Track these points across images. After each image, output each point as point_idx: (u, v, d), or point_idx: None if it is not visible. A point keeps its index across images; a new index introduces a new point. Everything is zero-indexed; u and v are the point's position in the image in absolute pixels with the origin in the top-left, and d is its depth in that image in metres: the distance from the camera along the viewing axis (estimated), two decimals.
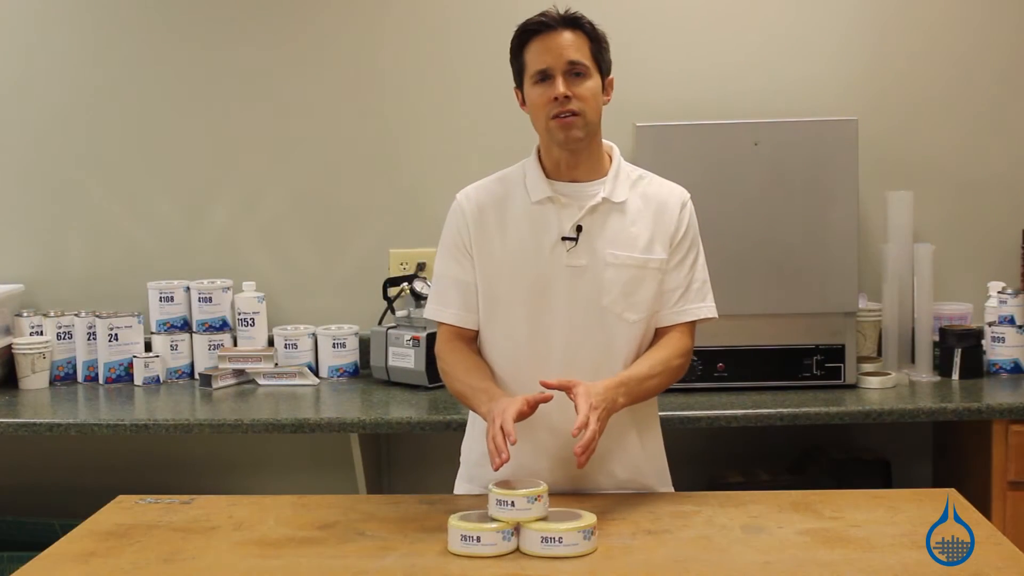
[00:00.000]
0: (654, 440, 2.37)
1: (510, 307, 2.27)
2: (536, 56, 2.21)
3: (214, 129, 3.58)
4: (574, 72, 2.19)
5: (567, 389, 2.10)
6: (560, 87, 2.17)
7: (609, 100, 2.28)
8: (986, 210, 3.45)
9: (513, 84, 2.30)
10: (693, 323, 2.32)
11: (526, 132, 2.34)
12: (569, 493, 2.25)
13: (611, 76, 2.28)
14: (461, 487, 2.41)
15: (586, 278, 2.24)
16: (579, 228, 2.24)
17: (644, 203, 2.28)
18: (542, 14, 2.22)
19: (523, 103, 2.28)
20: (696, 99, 3.41)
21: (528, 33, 2.22)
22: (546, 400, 2.12)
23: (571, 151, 2.24)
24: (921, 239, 3.31)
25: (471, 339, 2.34)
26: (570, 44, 2.19)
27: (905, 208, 3.29)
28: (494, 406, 2.13)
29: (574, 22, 2.21)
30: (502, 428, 2.04)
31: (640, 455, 2.32)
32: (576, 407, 2.06)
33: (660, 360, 2.25)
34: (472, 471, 2.37)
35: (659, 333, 2.31)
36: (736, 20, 3.45)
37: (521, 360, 2.26)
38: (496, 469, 2.02)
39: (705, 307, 2.32)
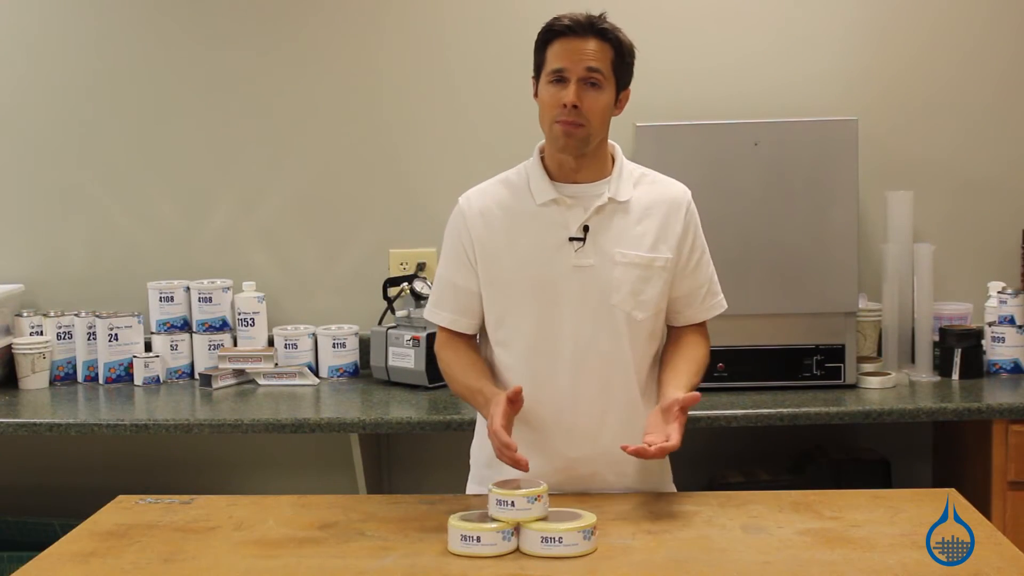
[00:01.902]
0: None
1: (519, 309, 2.27)
2: (556, 56, 2.19)
3: (214, 129, 3.57)
4: (590, 81, 2.18)
5: (684, 405, 2.14)
6: (571, 95, 2.17)
7: (620, 112, 2.28)
8: (986, 210, 3.45)
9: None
10: None
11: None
12: (579, 493, 2.25)
13: (628, 89, 2.28)
14: (472, 490, 2.41)
15: (594, 278, 2.24)
16: (586, 228, 2.25)
17: (648, 202, 2.29)
18: (571, 17, 2.20)
19: (536, 94, 2.28)
20: (696, 99, 3.41)
21: (554, 32, 2.21)
22: (516, 393, 2.13)
23: (571, 156, 2.24)
24: (921, 239, 3.31)
25: (468, 339, 2.36)
26: (592, 52, 2.18)
27: (905, 208, 3.28)
28: (488, 412, 2.17)
29: (601, 31, 2.20)
30: (505, 444, 2.07)
31: None
32: (670, 428, 2.12)
33: (702, 362, 2.33)
34: (483, 472, 2.36)
35: (681, 331, 2.36)
36: (736, 20, 3.45)
37: (531, 361, 2.27)
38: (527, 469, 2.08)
39: (722, 299, 2.40)
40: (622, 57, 2.23)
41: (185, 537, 2.11)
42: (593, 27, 2.20)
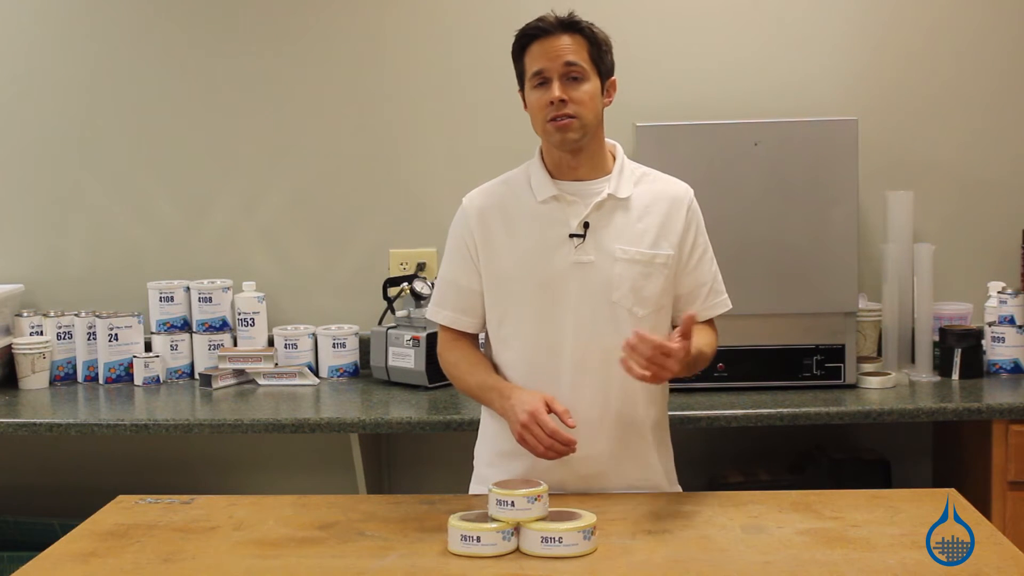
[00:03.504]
0: (664, 439, 2.39)
1: (520, 306, 2.28)
2: (534, 60, 2.23)
3: (214, 129, 3.57)
4: (571, 76, 2.20)
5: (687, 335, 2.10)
6: (555, 91, 2.19)
7: (610, 102, 2.30)
8: (986, 210, 3.45)
9: (515, 86, 2.32)
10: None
11: (527, 132, 2.34)
12: (580, 493, 2.26)
13: (613, 77, 2.29)
14: (476, 490, 2.41)
15: (595, 274, 2.25)
16: (586, 225, 2.25)
17: (649, 200, 2.30)
18: (540, 19, 2.23)
19: (526, 105, 2.29)
20: (696, 99, 3.41)
21: (527, 37, 2.24)
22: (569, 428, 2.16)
23: (570, 152, 2.25)
24: (921, 239, 3.30)
25: (471, 338, 2.37)
26: (567, 47, 2.21)
27: (905, 208, 3.28)
28: (516, 404, 2.17)
29: (572, 26, 2.22)
30: (554, 435, 2.11)
31: (653, 455, 2.34)
32: (678, 343, 2.07)
33: (708, 343, 2.32)
34: (485, 472, 2.37)
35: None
36: (736, 20, 3.45)
37: (532, 358, 2.28)
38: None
39: (726, 298, 2.40)
40: (598, 47, 2.25)
41: (185, 537, 2.11)
42: (564, 23, 2.22)
